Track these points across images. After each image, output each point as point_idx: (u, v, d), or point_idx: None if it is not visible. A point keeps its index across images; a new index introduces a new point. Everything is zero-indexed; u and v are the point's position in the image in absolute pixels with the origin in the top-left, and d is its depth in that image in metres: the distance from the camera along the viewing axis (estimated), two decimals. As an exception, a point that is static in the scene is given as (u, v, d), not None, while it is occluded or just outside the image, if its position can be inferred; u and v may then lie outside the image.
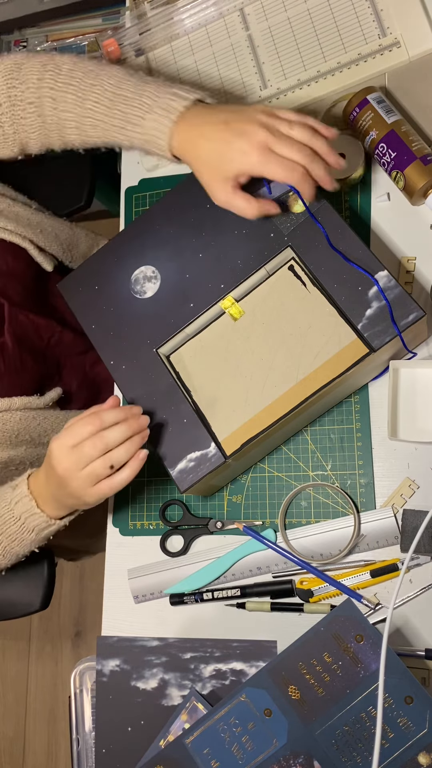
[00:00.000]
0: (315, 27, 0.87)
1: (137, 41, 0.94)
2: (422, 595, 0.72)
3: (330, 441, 0.78)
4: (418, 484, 0.74)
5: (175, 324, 0.75)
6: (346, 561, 0.75)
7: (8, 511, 0.75)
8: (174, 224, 0.78)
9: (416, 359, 0.76)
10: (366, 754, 0.61)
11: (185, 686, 0.76)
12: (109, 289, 0.79)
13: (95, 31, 1.48)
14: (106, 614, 0.82)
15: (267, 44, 0.89)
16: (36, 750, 1.70)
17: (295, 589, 0.76)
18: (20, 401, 0.82)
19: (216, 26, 0.91)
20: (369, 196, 0.82)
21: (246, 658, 0.75)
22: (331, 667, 0.63)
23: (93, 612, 1.73)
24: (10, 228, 0.87)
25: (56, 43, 1.50)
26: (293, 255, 0.73)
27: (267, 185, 0.74)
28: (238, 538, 0.79)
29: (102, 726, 0.78)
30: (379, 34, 0.84)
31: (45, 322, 0.91)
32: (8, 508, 0.75)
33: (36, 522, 0.74)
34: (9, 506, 0.74)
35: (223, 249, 0.75)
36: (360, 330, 0.68)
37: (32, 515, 0.74)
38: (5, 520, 0.75)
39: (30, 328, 0.89)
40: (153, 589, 0.81)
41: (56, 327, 0.93)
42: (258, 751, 0.63)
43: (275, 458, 0.80)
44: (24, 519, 0.74)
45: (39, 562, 1.05)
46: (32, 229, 0.91)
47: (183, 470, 0.71)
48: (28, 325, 0.89)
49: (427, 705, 0.61)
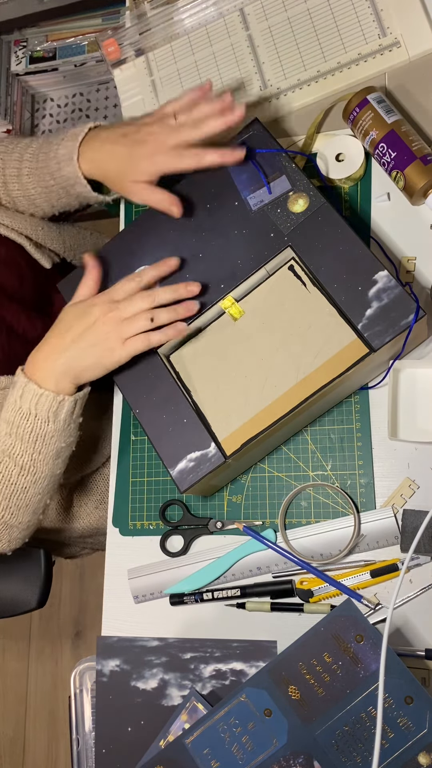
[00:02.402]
0: (315, 27, 0.87)
1: (137, 41, 0.94)
2: (422, 595, 0.72)
3: (330, 441, 0.78)
4: (418, 484, 0.74)
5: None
6: (346, 561, 0.75)
7: (17, 412, 0.71)
8: (174, 224, 0.78)
9: (416, 359, 0.75)
10: (366, 755, 0.61)
11: (185, 686, 0.76)
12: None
13: (95, 31, 1.48)
14: (106, 614, 0.82)
15: (267, 44, 0.89)
16: (36, 750, 1.70)
17: (295, 589, 0.76)
18: (6, 380, 0.81)
19: (216, 26, 0.91)
20: (369, 196, 0.82)
21: (246, 658, 0.75)
22: (331, 667, 0.63)
23: (93, 612, 1.73)
24: (6, 223, 0.87)
25: (56, 43, 1.51)
26: (293, 255, 0.73)
27: (267, 185, 0.75)
28: (238, 538, 0.79)
29: (102, 726, 0.78)
30: (379, 34, 0.84)
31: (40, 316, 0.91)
32: (15, 407, 0.72)
33: (46, 405, 0.70)
34: (15, 405, 0.72)
35: (223, 249, 0.75)
36: (360, 330, 0.68)
37: (39, 399, 0.70)
38: (19, 423, 0.72)
39: (23, 319, 0.89)
40: (153, 589, 0.81)
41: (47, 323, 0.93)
42: (258, 751, 0.63)
43: (275, 458, 0.80)
44: (34, 409, 0.71)
45: (35, 559, 1.05)
46: (32, 226, 0.91)
47: (183, 470, 0.71)
48: (21, 317, 0.89)
49: (427, 705, 0.61)
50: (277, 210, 0.74)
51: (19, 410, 0.71)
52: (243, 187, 0.76)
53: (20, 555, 0.85)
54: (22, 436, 0.72)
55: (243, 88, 0.89)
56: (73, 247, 0.99)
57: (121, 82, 0.96)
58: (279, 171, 0.75)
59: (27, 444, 0.72)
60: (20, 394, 0.71)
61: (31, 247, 0.90)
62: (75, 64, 1.51)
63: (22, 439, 0.72)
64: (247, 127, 0.77)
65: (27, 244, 0.90)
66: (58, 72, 1.53)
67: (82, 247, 1.01)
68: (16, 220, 0.89)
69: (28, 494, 0.75)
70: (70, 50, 1.50)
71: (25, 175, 0.85)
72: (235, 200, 0.76)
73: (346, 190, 0.83)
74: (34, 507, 0.78)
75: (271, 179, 0.75)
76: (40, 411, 0.71)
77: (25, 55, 1.53)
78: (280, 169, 0.75)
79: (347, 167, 0.81)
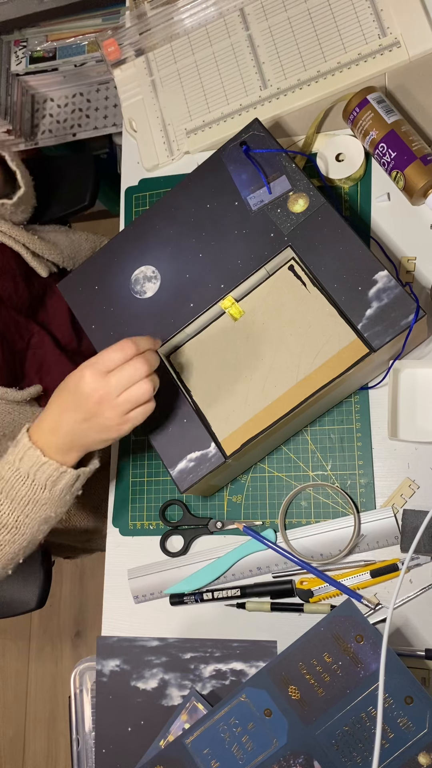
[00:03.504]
0: (315, 27, 0.87)
1: (137, 41, 0.94)
2: (422, 595, 0.72)
3: (330, 441, 0.78)
4: (418, 484, 0.74)
5: (175, 324, 0.75)
6: (346, 561, 0.75)
7: (14, 473, 0.68)
8: (174, 224, 0.78)
9: (416, 359, 0.75)
10: (366, 754, 0.61)
11: (185, 686, 0.76)
12: (109, 289, 0.79)
13: (95, 31, 1.48)
14: (106, 614, 0.82)
15: (267, 44, 0.89)
16: (36, 750, 1.70)
17: (295, 589, 0.76)
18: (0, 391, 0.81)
19: (216, 26, 0.91)
20: (369, 196, 0.82)
21: (246, 658, 0.75)
22: (331, 667, 0.63)
23: (93, 612, 1.73)
24: (3, 230, 0.87)
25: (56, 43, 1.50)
26: (293, 255, 0.73)
27: (267, 186, 0.75)
28: (238, 538, 0.79)
29: (102, 726, 0.78)
30: (379, 34, 0.84)
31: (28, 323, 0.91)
32: (13, 468, 0.68)
33: (47, 473, 0.68)
34: (13, 466, 0.68)
35: (223, 249, 0.75)
36: (360, 330, 0.68)
37: (41, 467, 0.67)
38: (12, 484, 0.68)
39: (11, 325, 0.89)
40: (153, 589, 0.81)
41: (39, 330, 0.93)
42: (258, 752, 0.63)
43: (275, 458, 0.80)
44: (33, 474, 0.68)
45: (35, 559, 1.05)
46: (28, 234, 0.91)
47: (183, 470, 0.71)
48: (10, 323, 0.88)
49: (427, 705, 0.61)
50: (277, 210, 0.74)
51: (16, 471, 0.68)
52: (243, 187, 0.76)
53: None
54: (14, 498, 0.69)
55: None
56: (72, 256, 0.99)
57: (121, 82, 0.96)
58: (279, 171, 0.75)
59: (16, 505, 0.69)
60: (20, 457, 0.68)
61: (28, 255, 0.90)
62: (75, 64, 1.50)
63: (12, 500, 0.69)
64: (247, 127, 0.77)
65: (24, 252, 0.90)
66: (58, 72, 1.53)
67: (80, 253, 1.01)
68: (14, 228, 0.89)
69: (3, 550, 0.72)
70: (70, 50, 1.50)
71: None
72: (235, 200, 0.76)
73: (346, 190, 0.83)
74: (3, 563, 0.74)
75: (271, 179, 0.75)
76: (38, 478, 0.68)
77: (25, 55, 1.53)
78: (280, 169, 0.75)
79: (347, 167, 0.81)
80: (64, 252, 0.97)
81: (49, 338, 0.94)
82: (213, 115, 0.91)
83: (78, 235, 1.04)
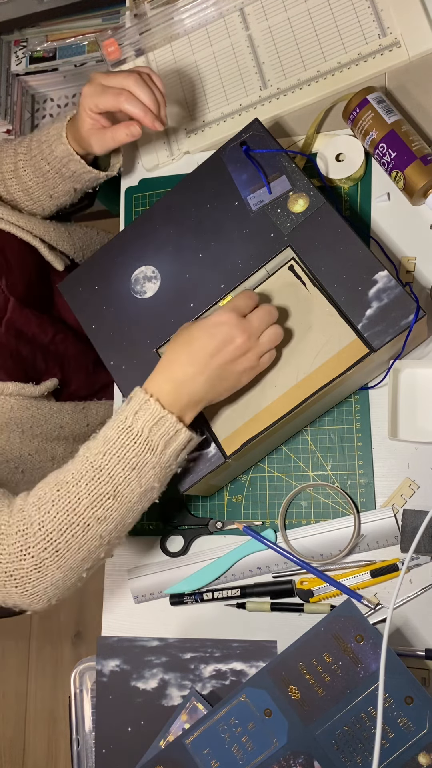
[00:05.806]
0: (315, 27, 0.87)
1: (137, 41, 0.94)
2: (422, 595, 0.72)
3: (330, 441, 0.78)
4: (418, 484, 0.74)
5: (175, 324, 0.75)
6: (346, 561, 0.75)
7: (123, 431, 0.62)
8: (174, 224, 0.78)
9: (416, 359, 0.75)
10: (366, 755, 0.61)
11: (185, 686, 0.76)
12: (109, 289, 0.79)
13: (95, 31, 1.48)
14: (106, 614, 0.82)
15: (267, 44, 0.89)
16: (36, 750, 1.70)
17: (295, 589, 0.76)
18: (14, 387, 0.81)
19: (216, 26, 0.91)
20: (369, 196, 0.82)
21: (246, 658, 0.75)
22: (331, 668, 0.63)
23: (93, 612, 1.73)
24: (21, 224, 0.87)
25: (56, 43, 1.51)
26: (293, 255, 0.73)
27: (267, 186, 0.75)
28: (238, 538, 0.79)
29: (102, 726, 0.78)
30: (379, 34, 0.84)
31: (50, 320, 0.91)
32: (124, 425, 0.62)
33: (163, 428, 0.62)
34: (124, 423, 0.62)
35: (223, 249, 0.75)
36: (360, 330, 0.68)
37: (159, 421, 0.61)
38: (122, 443, 0.61)
39: (33, 323, 0.89)
40: (153, 589, 0.81)
41: (61, 326, 0.93)
42: (258, 752, 0.63)
43: (275, 458, 0.80)
44: (147, 431, 0.61)
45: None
46: (44, 226, 0.91)
47: (183, 470, 0.71)
48: (32, 321, 0.89)
49: (427, 705, 0.61)
50: (277, 210, 0.74)
51: (128, 429, 0.62)
52: (243, 187, 0.76)
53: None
54: (121, 458, 0.61)
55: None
56: (83, 248, 0.99)
57: (121, 82, 0.96)
58: (279, 171, 0.75)
59: (120, 468, 0.61)
60: (135, 411, 0.62)
61: (44, 249, 0.90)
62: (75, 64, 1.50)
63: (120, 460, 0.61)
64: (247, 127, 0.77)
65: (41, 246, 0.90)
66: (58, 72, 1.53)
67: (90, 247, 1.01)
68: (31, 222, 0.89)
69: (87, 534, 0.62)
70: (70, 50, 1.50)
71: (20, 168, 0.87)
72: (235, 200, 0.76)
73: (346, 190, 0.83)
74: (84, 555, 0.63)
75: (271, 179, 0.75)
76: (153, 435, 0.62)
77: (25, 55, 1.53)
78: (280, 169, 0.75)
79: (347, 167, 0.81)
80: (76, 243, 0.98)
81: (70, 332, 0.94)
82: (213, 115, 0.91)
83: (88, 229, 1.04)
